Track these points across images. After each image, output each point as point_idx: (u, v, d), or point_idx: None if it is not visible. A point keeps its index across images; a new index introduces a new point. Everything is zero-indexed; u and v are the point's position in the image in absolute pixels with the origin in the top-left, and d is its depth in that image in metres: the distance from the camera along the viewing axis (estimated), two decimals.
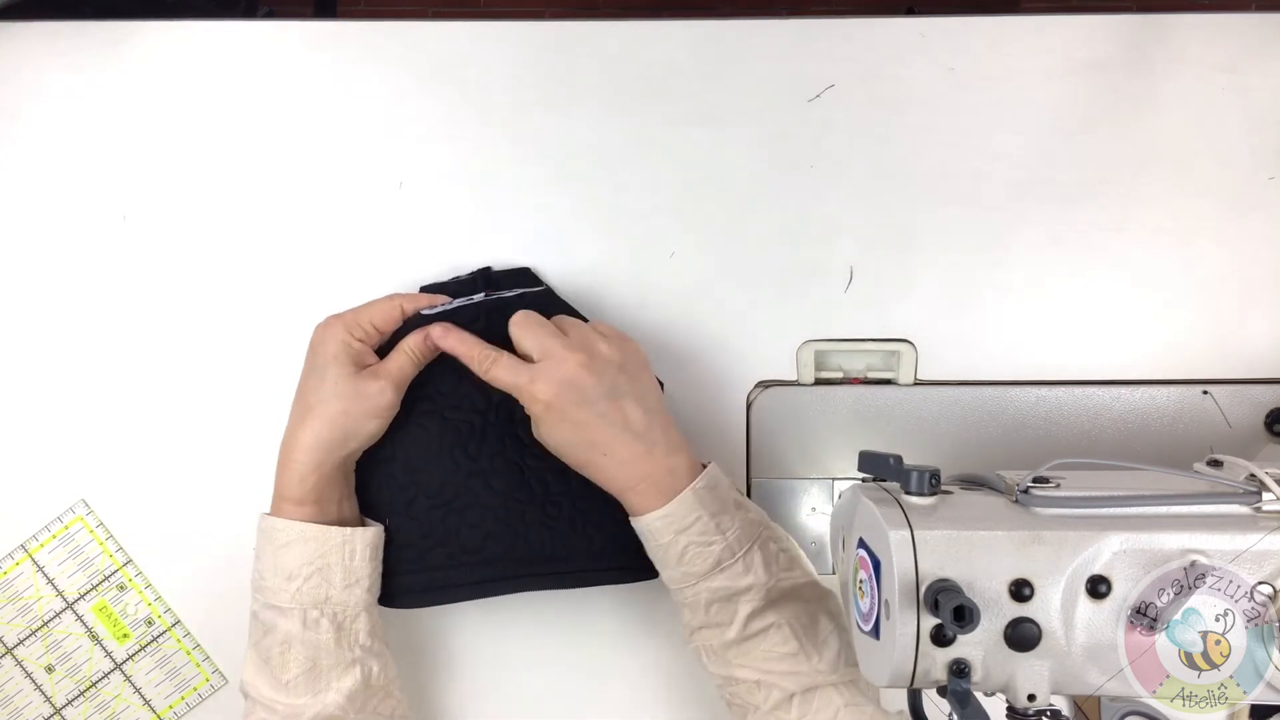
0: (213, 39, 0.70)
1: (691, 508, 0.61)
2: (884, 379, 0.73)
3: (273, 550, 0.62)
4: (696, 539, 0.61)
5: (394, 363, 0.64)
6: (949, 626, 0.46)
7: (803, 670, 0.62)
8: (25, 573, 0.72)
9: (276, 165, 0.71)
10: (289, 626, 0.61)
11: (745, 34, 0.70)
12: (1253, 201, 0.71)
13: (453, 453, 0.65)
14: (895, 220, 0.72)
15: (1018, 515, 0.51)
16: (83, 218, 0.71)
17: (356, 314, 0.65)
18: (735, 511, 0.63)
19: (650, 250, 0.72)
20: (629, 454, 0.61)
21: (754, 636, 0.62)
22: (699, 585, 0.62)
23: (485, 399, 0.65)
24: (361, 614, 0.63)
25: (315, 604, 0.61)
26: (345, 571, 0.62)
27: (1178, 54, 0.70)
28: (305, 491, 0.62)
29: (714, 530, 0.62)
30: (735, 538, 0.62)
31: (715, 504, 0.62)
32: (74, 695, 0.73)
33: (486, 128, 0.71)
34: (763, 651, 0.62)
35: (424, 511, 0.65)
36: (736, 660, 0.63)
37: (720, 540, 0.62)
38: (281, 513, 0.62)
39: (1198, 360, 0.72)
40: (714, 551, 0.61)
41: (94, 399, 0.72)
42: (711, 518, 0.62)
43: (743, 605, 0.62)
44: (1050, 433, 0.72)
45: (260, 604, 0.62)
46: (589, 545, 0.66)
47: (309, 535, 0.62)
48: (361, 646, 0.63)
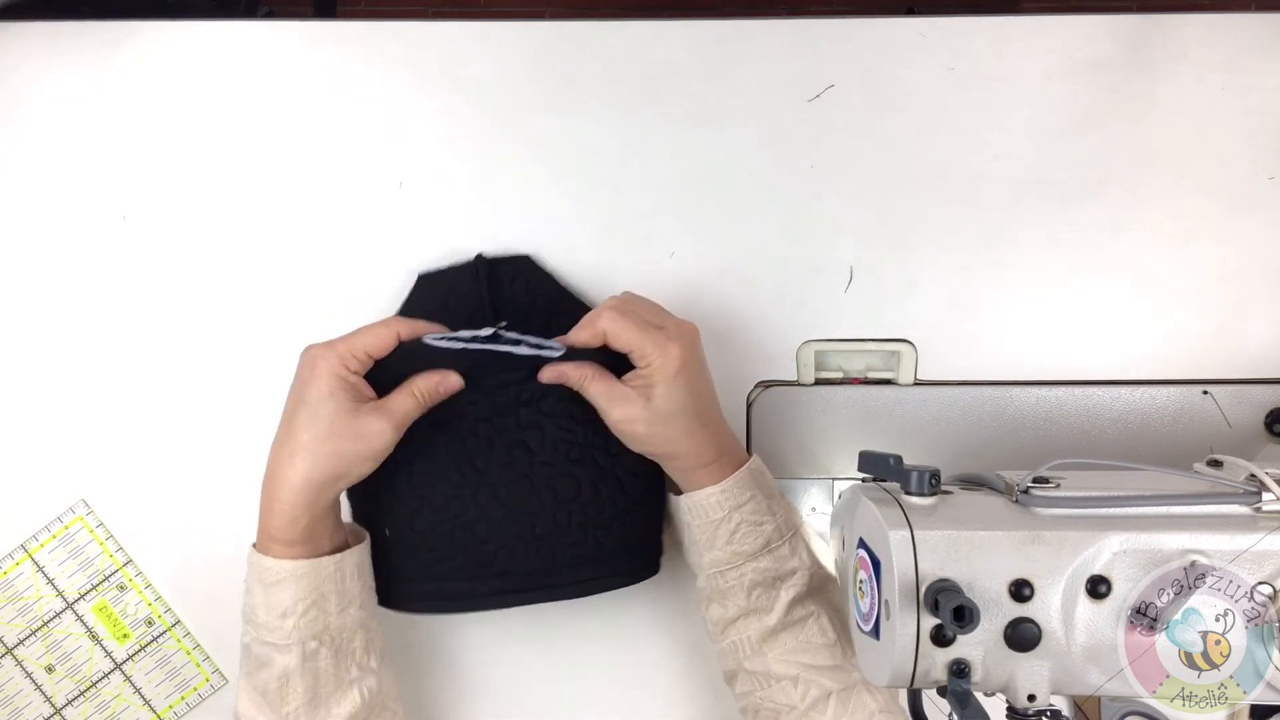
0: (213, 39, 0.70)
1: (747, 485, 0.63)
2: (884, 379, 0.73)
3: (264, 588, 0.59)
4: (749, 517, 0.62)
5: (399, 405, 0.60)
6: (949, 626, 0.46)
7: (840, 663, 0.62)
8: (25, 573, 0.72)
9: (276, 165, 0.71)
10: (287, 661, 0.59)
11: (745, 34, 0.70)
12: (1253, 201, 0.71)
13: (459, 466, 0.63)
14: (895, 220, 0.72)
15: (1018, 515, 0.51)
16: (83, 218, 0.71)
17: (350, 343, 0.59)
18: (780, 496, 0.65)
19: (650, 250, 0.72)
20: (717, 428, 0.64)
21: (794, 625, 0.62)
22: (745, 566, 0.62)
23: (491, 406, 0.64)
24: (358, 631, 0.62)
25: (314, 635, 0.59)
26: (339, 596, 0.60)
27: (1178, 54, 0.70)
28: (297, 533, 0.59)
29: (765, 510, 0.63)
30: (784, 520, 0.64)
31: (766, 486, 0.64)
32: (74, 695, 0.73)
33: (486, 128, 0.71)
34: (802, 641, 0.62)
35: (429, 526, 0.63)
36: (774, 652, 0.62)
37: (771, 521, 0.63)
38: (271, 552, 0.59)
39: (1198, 360, 0.72)
40: (765, 531, 0.63)
41: (94, 399, 0.72)
42: (766, 498, 0.63)
43: (785, 590, 0.62)
44: (1050, 433, 0.72)
45: (253, 638, 0.60)
46: (600, 551, 0.65)
47: (301, 572, 0.59)
48: (359, 665, 0.61)
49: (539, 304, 0.69)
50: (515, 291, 0.69)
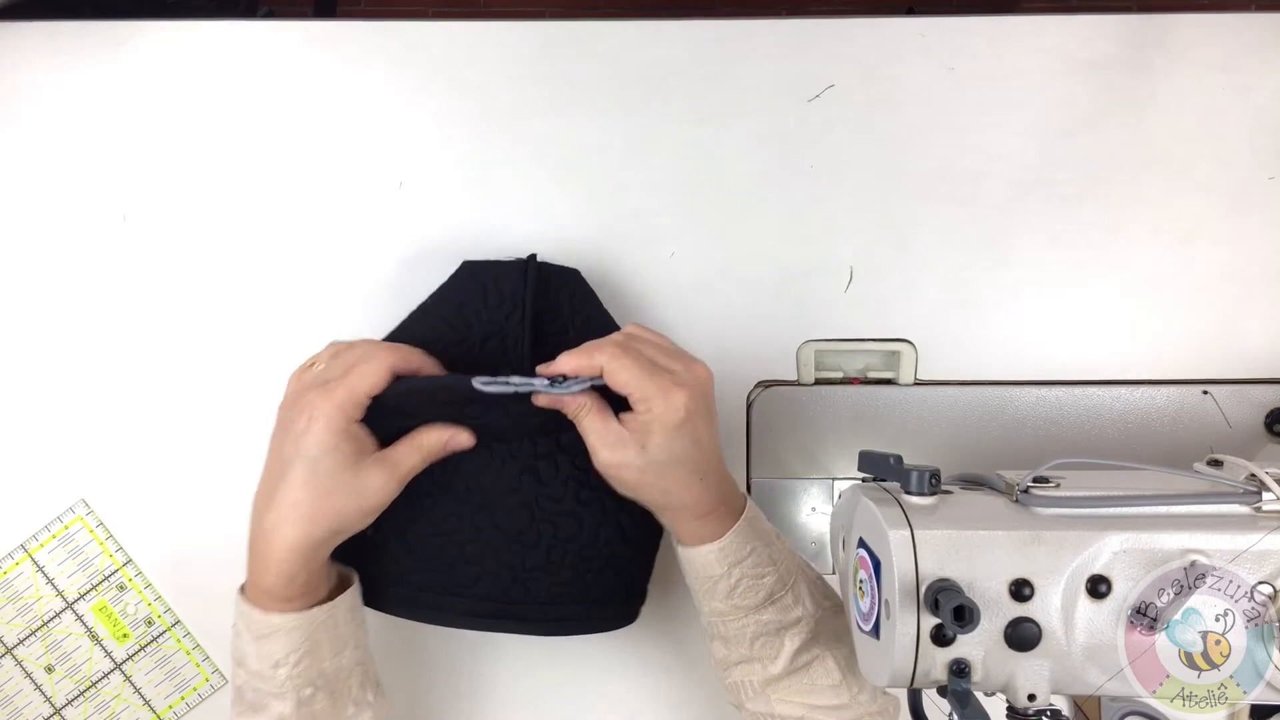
0: (213, 39, 0.70)
1: (747, 538, 0.60)
2: (884, 379, 0.73)
3: (254, 638, 0.56)
4: (750, 571, 0.59)
5: (404, 459, 0.57)
6: (949, 626, 0.46)
7: (846, 702, 0.60)
8: (25, 573, 0.72)
9: (276, 165, 0.71)
10: (282, 708, 0.56)
11: (745, 34, 0.70)
12: (1252, 201, 0.71)
13: (466, 483, 0.61)
14: (895, 220, 0.71)
15: (1018, 515, 0.51)
16: (83, 218, 0.71)
17: (350, 389, 0.55)
18: (777, 541, 0.62)
19: (650, 250, 0.72)
20: (717, 479, 0.60)
21: (800, 670, 0.60)
22: (747, 619, 0.60)
23: (511, 425, 0.60)
24: (354, 670, 0.59)
25: (309, 682, 0.57)
26: (333, 642, 0.57)
27: (1178, 54, 0.70)
28: (294, 590, 0.56)
29: (767, 561, 0.60)
30: (785, 569, 0.60)
31: (764, 533, 0.61)
32: (74, 695, 0.73)
33: (486, 128, 0.71)
34: (807, 684, 0.60)
35: (420, 539, 0.61)
36: (778, 695, 0.61)
37: (773, 572, 0.60)
38: (263, 605, 0.56)
39: (1198, 360, 0.72)
40: (766, 584, 0.60)
41: (94, 399, 0.72)
42: (765, 548, 0.60)
43: (790, 640, 0.60)
44: (1050, 433, 0.72)
45: (244, 682, 0.57)
46: (585, 594, 0.62)
47: (292, 625, 0.56)
48: (355, 702, 0.59)
49: (577, 321, 0.66)
50: (559, 301, 0.66)
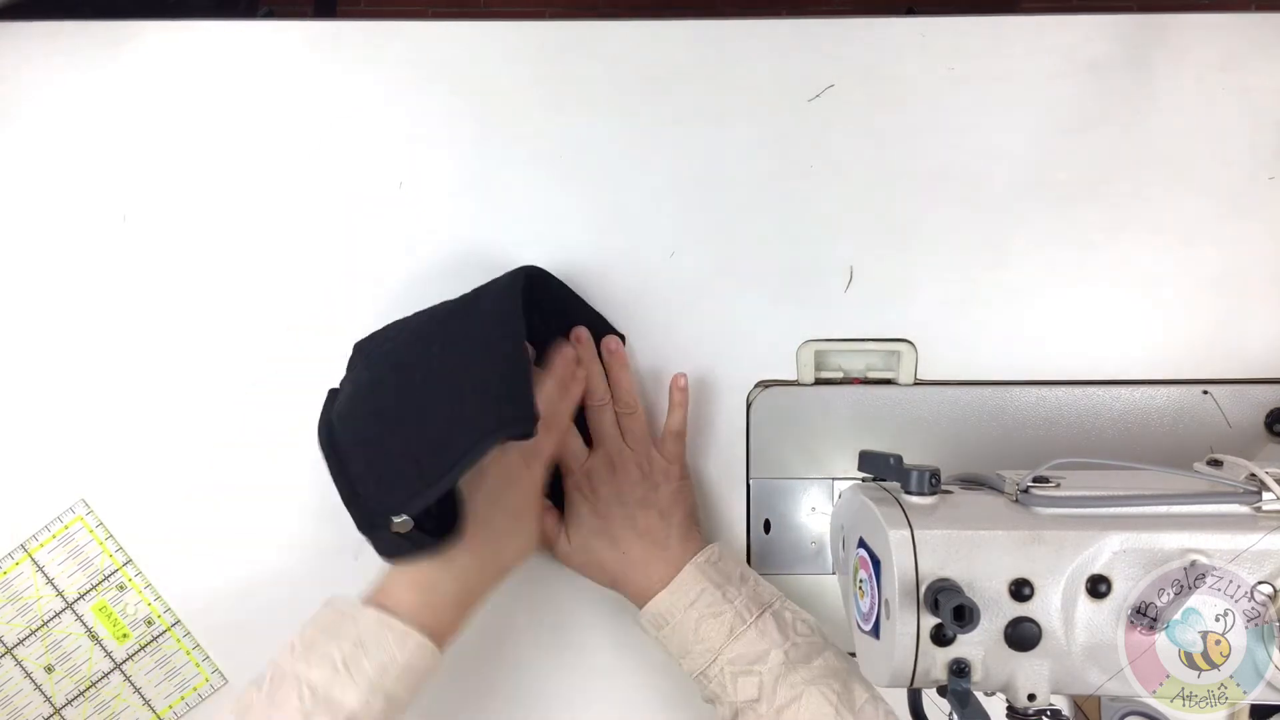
0: (213, 39, 0.70)
1: (695, 579, 0.64)
2: (884, 379, 0.73)
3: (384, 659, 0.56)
4: (705, 610, 0.63)
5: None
6: (949, 626, 0.46)
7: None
8: (25, 573, 0.72)
9: (276, 165, 0.71)
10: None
11: (745, 34, 0.70)
12: (1252, 202, 0.71)
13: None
14: (895, 220, 0.71)
15: (1018, 515, 0.51)
16: (83, 218, 0.71)
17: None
18: (740, 584, 0.65)
19: (650, 250, 0.72)
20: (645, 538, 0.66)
21: (791, 705, 0.60)
22: (719, 660, 0.62)
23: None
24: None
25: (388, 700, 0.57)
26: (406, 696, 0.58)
27: (1178, 54, 0.70)
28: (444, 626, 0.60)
29: (721, 600, 0.63)
30: (744, 605, 0.63)
31: (719, 576, 0.65)
32: (74, 695, 0.73)
33: (486, 127, 0.71)
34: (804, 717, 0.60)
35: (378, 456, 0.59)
36: None
37: (729, 608, 0.63)
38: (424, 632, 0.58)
39: (1198, 360, 0.72)
40: (725, 620, 0.62)
41: (94, 399, 0.72)
42: (716, 588, 0.64)
43: (765, 672, 0.61)
44: (1050, 433, 0.72)
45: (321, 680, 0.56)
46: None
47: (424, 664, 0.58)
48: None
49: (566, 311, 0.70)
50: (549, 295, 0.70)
